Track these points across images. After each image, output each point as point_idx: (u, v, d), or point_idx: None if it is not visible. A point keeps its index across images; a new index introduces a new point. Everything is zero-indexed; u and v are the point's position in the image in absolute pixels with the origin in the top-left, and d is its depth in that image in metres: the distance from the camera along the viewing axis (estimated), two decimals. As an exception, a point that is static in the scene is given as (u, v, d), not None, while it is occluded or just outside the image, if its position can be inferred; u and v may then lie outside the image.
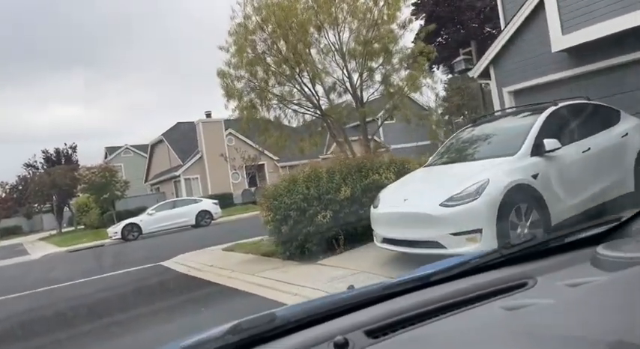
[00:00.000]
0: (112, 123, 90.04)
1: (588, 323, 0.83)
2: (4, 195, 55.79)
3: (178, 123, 34.39)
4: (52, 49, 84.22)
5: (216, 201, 21.23)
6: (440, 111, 31.59)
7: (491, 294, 1.10)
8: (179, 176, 28.77)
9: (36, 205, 41.69)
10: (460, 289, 1.14)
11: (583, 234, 1.35)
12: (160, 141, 33.63)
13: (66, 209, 40.04)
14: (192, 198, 21.37)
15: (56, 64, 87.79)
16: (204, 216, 19.93)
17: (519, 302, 1.02)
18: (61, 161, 43.01)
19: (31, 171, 42.76)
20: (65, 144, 44.17)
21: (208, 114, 30.86)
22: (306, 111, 11.58)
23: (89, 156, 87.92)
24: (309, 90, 10.82)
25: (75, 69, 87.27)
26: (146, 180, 36.98)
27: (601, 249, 1.17)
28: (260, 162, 29.65)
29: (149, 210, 19.36)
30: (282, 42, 10.17)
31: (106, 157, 42.87)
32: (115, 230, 18.68)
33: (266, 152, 29.88)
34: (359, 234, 6.96)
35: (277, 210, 7.06)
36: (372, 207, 5.96)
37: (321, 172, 7.20)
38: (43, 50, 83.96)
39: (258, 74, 10.53)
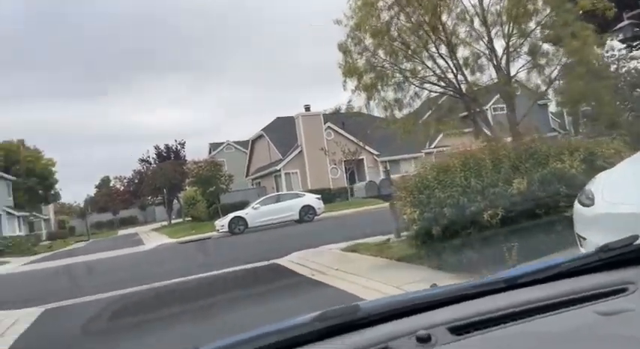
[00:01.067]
0: (213, 121, 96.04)
1: None
2: (122, 188, 61.82)
3: (277, 118, 34.51)
4: (159, 57, 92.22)
5: (318, 196, 20.41)
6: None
7: (585, 299, 1.04)
8: (279, 170, 28.65)
9: (149, 198, 45.08)
10: (551, 292, 1.09)
11: None
12: (260, 137, 33.98)
13: (175, 201, 42.67)
14: (295, 192, 20.82)
15: (162, 70, 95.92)
16: (307, 211, 19.21)
17: (616, 308, 0.97)
18: (170, 156, 45.74)
19: (144, 166, 46.14)
20: (175, 141, 46.99)
21: (307, 108, 30.39)
22: (435, 90, 9.98)
23: (194, 152, 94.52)
24: (447, 64, 9.24)
25: (178, 74, 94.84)
26: (247, 175, 37.77)
27: None
28: (359, 157, 28.47)
29: (254, 204, 19.09)
30: (411, 7, 8.71)
31: (209, 153, 44.81)
32: (222, 223, 18.67)
33: (366, 147, 28.61)
34: (539, 242, 5.29)
35: (425, 206, 5.66)
36: (576, 204, 4.28)
37: (484, 159, 5.64)
38: (151, 58, 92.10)
39: (384, 46, 9.18)
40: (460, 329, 0.96)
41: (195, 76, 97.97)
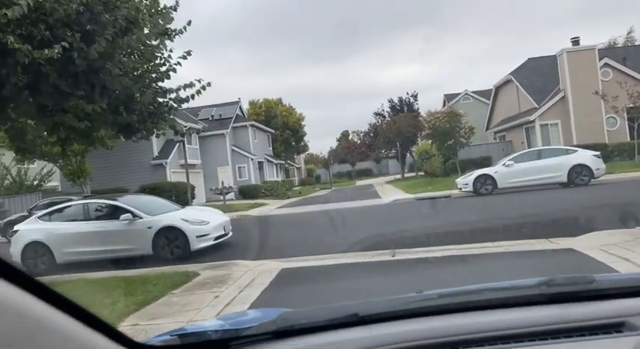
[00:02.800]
0: (448, 74, 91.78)
1: None
2: (358, 141, 65.50)
3: (529, 59, 28.78)
4: (395, 13, 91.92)
5: (597, 152, 15.57)
6: None
7: None
8: (533, 121, 23.78)
9: (383, 151, 45.71)
10: None
11: None
12: (507, 82, 29.07)
13: (408, 155, 42.01)
14: (564, 147, 16.37)
15: (397, 26, 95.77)
16: (580, 172, 14.84)
17: None
18: (403, 109, 45.01)
19: (379, 120, 46.76)
20: (407, 93, 45.84)
21: (575, 42, 23.94)
22: None
23: (427, 106, 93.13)
24: None
25: (413, 29, 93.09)
26: (487, 128, 33.56)
27: None
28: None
29: (506, 160, 15.81)
30: None
31: (444, 105, 41.83)
32: (466, 181, 16.17)
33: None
34: None
35: None
36: None
37: None
38: (388, 16, 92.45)
39: None
40: None
41: (430, 29, 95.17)
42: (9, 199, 23.86)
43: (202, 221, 9.26)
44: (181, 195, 23.84)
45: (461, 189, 16.44)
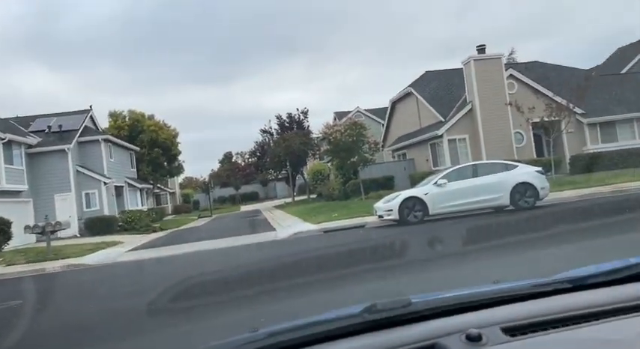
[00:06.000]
0: (332, 101, 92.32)
1: None
2: (243, 164, 60.25)
3: (427, 72, 26.95)
4: (279, 39, 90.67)
5: (539, 168, 12.83)
6: None
7: None
8: (441, 136, 21.28)
9: (271, 171, 41.15)
10: (620, 295, 1.01)
11: None
12: (406, 96, 26.81)
13: (298, 177, 38.15)
14: (503, 162, 13.38)
15: (282, 53, 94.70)
16: (523, 193, 11.83)
17: None
18: (293, 127, 41.27)
19: (266, 137, 42.34)
20: (297, 109, 42.20)
21: (481, 49, 22.28)
22: None
23: (315, 129, 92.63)
24: None
25: (297, 56, 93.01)
26: (384, 146, 31.10)
27: None
28: (560, 118, 19.77)
29: (439, 179, 12.21)
30: None
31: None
32: (389, 205, 12.18)
33: (570, 104, 19.76)
34: None
35: None
36: None
37: None
38: (274, 42, 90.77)
39: None
40: (515, 330, 0.90)
41: (314, 57, 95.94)
42: None
43: None
44: (-17, 237, 16.26)
45: (381, 216, 12.42)
